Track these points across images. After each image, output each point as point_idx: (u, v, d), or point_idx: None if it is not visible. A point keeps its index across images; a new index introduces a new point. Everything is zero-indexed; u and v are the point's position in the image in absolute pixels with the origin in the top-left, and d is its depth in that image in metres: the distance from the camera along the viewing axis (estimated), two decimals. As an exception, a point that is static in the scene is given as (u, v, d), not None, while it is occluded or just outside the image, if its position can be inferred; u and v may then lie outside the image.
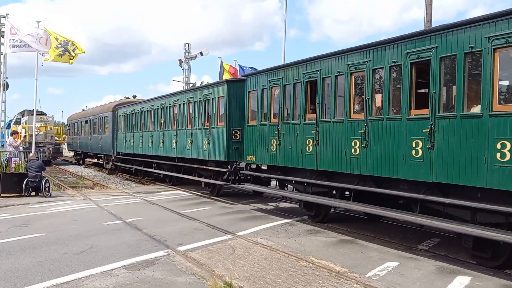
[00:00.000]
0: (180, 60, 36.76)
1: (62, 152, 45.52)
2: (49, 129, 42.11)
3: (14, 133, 21.44)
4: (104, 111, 31.82)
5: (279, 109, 12.89)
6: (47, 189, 17.58)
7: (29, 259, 8.36)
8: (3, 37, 18.72)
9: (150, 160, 23.58)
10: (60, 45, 17.96)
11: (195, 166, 18.35)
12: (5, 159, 18.58)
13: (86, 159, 41.14)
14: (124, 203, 16.13)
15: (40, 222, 12.17)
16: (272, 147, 13.12)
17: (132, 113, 26.16)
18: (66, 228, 11.24)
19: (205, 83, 23.82)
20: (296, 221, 12.30)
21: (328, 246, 9.50)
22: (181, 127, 19.31)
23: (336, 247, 9.44)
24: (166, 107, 21.16)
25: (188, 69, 36.65)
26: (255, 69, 25.30)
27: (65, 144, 54.11)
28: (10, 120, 41.89)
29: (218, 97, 16.13)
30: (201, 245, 9.45)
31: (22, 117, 44.08)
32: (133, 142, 25.19)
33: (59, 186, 23.57)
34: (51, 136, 41.84)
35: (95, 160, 38.01)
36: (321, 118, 11.31)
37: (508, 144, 7.15)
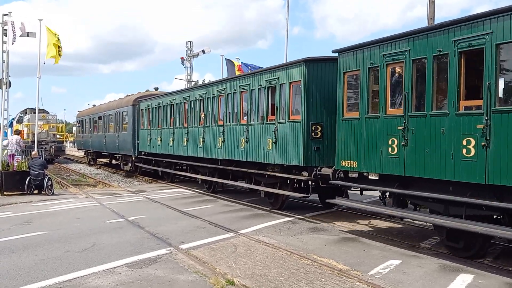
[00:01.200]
0: (182, 58, 36.73)
1: (64, 150, 45.52)
2: (51, 127, 42.17)
3: (18, 132, 21.48)
4: (122, 105, 27.92)
5: (403, 96, 9.17)
6: (49, 187, 17.63)
7: (32, 257, 8.38)
8: (5, 35, 18.69)
9: (183, 161, 20.36)
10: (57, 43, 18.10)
11: (251, 171, 14.66)
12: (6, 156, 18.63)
13: (99, 159, 37.36)
14: (127, 201, 16.15)
15: (42, 220, 12.20)
16: (391, 149, 9.43)
17: (159, 107, 22.35)
18: (69, 226, 11.26)
19: (206, 81, 23.23)
20: (298, 219, 12.28)
21: (331, 244, 9.49)
22: (230, 122, 15.63)
23: (338, 245, 9.42)
24: (208, 98, 17.43)
25: (190, 67, 36.60)
26: (261, 67, 25.23)
27: (74, 142, 54.44)
28: (13, 119, 41.95)
29: (291, 83, 12.66)
30: (203, 243, 9.45)
31: (25, 115, 44.11)
32: (161, 140, 21.74)
33: (61, 184, 23.58)
34: (54, 135, 41.88)
35: (109, 161, 33.75)
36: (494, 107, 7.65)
37: None
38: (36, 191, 17.58)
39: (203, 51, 36.36)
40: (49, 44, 18.42)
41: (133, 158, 25.72)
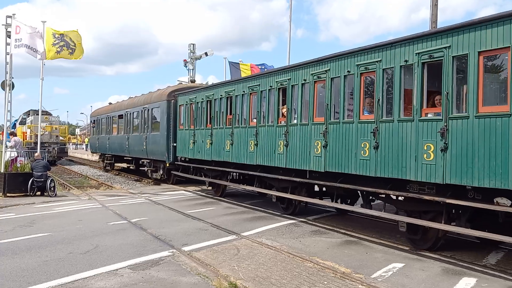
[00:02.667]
0: (185, 60, 36.74)
1: (67, 152, 45.66)
2: (54, 129, 42.31)
3: (15, 134, 21.44)
4: (151, 100, 23.27)
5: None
6: (52, 189, 17.67)
7: (35, 258, 8.39)
8: (9, 37, 18.77)
9: (242, 171, 15.39)
10: (56, 42, 17.97)
11: (377, 191, 9.90)
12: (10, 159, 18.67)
13: (117, 164, 32.59)
14: (129, 203, 16.16)
15: (45, 221, 12.22)
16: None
17: (208, 100, 17.17)
18: (71, 228, 11.27)
19: (210, 83, 22.10)
20: (301, 221, 12.27)
21: (333, 247, 9.48)
22: (346, 118, 10.41)
23: (341, 248, 9.41)
24: (295, 85, 12.13)
25: (193, 69, 36.62)
26: (272, 66, 25.44)
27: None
28: (16, 120, 42.10)
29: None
30: (206, 245, 9.45)
31: (28, 117, 44.30)
32: (211, 143, 16.61)
33: (64, 186, 23.65)
34: (56, 136, 42.04)
35: (133, 166, 28.79)
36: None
37: None
38: (38, 193, 17.63)
39: (206, 54, 36.36)
40: (48, 45, 18.35)
41: (167, 165, 20.99)
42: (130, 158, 28.16)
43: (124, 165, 31.91)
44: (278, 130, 12.84)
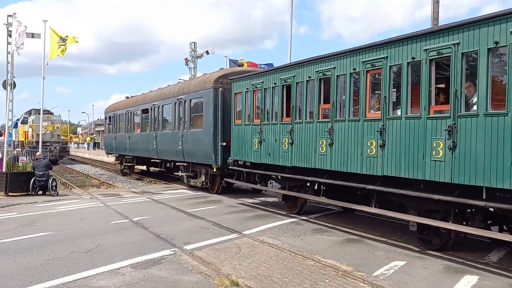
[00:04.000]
0: (186, 59, 36.76)
1: (68, 151, 45.79)
2: (56, 128, 42.40)
3: (0, 134, 21.37)
4: (191, 89, 18.65)
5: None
6: (54, 188, 17.70)
7: (37, 257, 8.41)
8: (10, 36, 18.79)
9: (347, 183, 10.57)
10: (59, 42, 18.13)
11: None
12: (13, 157, 18.69)
13: (137, 166, 28.92)
14: (131, 202, 16.18)
15: (47, 221, 12.24)
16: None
17: (285, 85, 12.74)
18: (73, 227, 11.29)
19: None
20: (302, 220, 12.28)
21: (335, 245, 9.48)
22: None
23: (342, 246, 9.41)
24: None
25: (194, 68, 36.63)
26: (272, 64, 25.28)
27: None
28: (18, 119, 42.16)
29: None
30: (207, 244, 9.46)
31: (29, 116, 44.43)
32: (290, 143, 12.28)
33: (66, 185, 23.70)
34: (58, 135, 42.14)
35: (149, 169, 27.95)
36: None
37: None
38: (40, 192, 17.66)
39: (207, 52, 36.36)
40: (52, 44, 18.46)
41: (214, 170, 16.74)
42: (158, 160, 23.46)
43: (144, 167, 28.76)
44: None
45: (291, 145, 12.28)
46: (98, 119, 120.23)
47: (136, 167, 28.73)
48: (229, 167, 15.78)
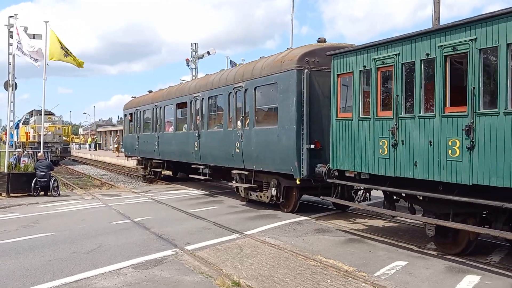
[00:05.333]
0: (187, 59, 36.81)
1: (70, 151, 45.82)
2: (57, 129, 42.45)
3: None
4: (257, 74, 14.00)
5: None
6: (55, 188, 17.72)
7: (38, 258, 8.41)
8: (11, 37, 18.80)
9: None
10: (62, 47, 18.22)
11: None
12: (14, 158, 18.71)
13: (165, 171, 24.28)
14: (132, 202, 16.19)
15: (48, 221, 12.25)
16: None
17: (450, 56, 8.23)
18: (75, 228, 11.30)
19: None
20: (303, 220, 12.27)
21: (336, 245, 9.48)
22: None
23: (344, 246, 9.40)
24: None
25: (195, 68, 36.68)
26: None
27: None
28: (19, 120, 42.24)
29: None
30: (209, 244, 9.46)
31: (31, 117, 44.52)
32: (470, 146, 7.68)
33: (67, 186, 23.74)
34: (59, 136, 42.19)
35: (168, 175, 24.42)
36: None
37: None
38: (42, 193, 17.67)
39: (208, 53, 36.42)
40: (52, 46, 18.49)
41: (298, 182, 12.37)
42: (201, 166, 17.74)
43: (169, 172, 24.65)
44: None
45: (470, 150, 7.70)
46: (99, 119, 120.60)
47: (163, 171, 23.83)
48: (328, 179, 11.26)
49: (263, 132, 13.64)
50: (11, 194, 17.21)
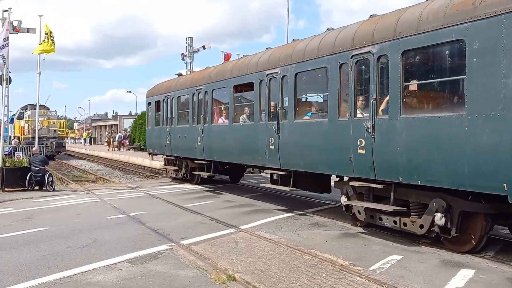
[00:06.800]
0: (182, 54, 36.72)
1: (65, 146, 45.68)
2: (52, 123, 42.28)
3: None
4: (405, 29, 8.62)
5: None
6: (50, 183, 17.65)
7: (33, 253, 8.39)
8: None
9: None
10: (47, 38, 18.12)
11: None
12: (9, 149, 18.61)
13: (202, 173, 17.69)
14: (127, 197, 16.15)
15: (43, 216, 12.21)
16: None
17: None
18: (70, 222, 11.26)
19: None
20: (299, 214, 12.28)
21: (331, 240, 9.49)
22: None
23: (339, 241, 9.42)
24: None
25: (190, 62, 36.60)
26: None
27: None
28: (13, 115, 42.05)
29: None
30: (204, 239, 9.45)
31: (25, 111, 44.30)
32: None
33: (62, 180, 23.67)
34: (54, 131, 42.04)
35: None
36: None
37: None
38: (37, 187, 17.60)
39: (204, 47, 36.33)
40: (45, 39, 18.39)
41: None
42: (281, 173, 12.53)
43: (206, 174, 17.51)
44: None
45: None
46: (94, 114, 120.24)
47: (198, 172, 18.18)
48: None
49: (426, 123, 8.32)
50: (6, 189, 17.15)
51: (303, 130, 11.51)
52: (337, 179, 11.32)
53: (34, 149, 18.81)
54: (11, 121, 36.76)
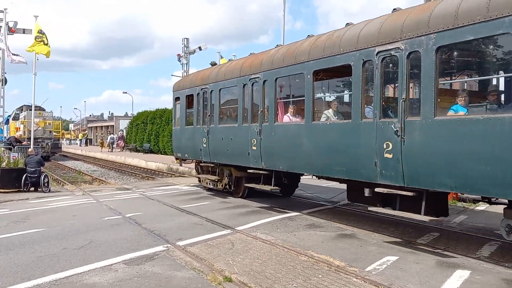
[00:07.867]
0: (178, 55, 36.72)
1: (61, 147, 45.53)
2: (47, 124, 42.14)
3: None
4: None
5: None
6: (46, 184, 17.60)
7: (29, 254, 8.36)
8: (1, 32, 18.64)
9: None
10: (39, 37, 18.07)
11: None
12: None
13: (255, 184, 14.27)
14: (123, 198, 16.12)
15: (39, 217, 12.17)
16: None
17: None
18: (66, 223, 11.23)
19: None
20: (295, 215, 12.29)
21: (328, 241, 9.51)
22: None
23: (335, 241, 9.44)
24: None
25: (187, 64, 36.59)
26: None
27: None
28: (9, 116, 41.91)
29: None
30: (200, 240, 9.44)
31: (21, 112, 44.11)
32: None
33: (58, 182, 23.60)
34: (50, 132, 41.89)
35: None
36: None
37: None
38: (32, 188, 17.55)
39: (200, 48, 36.34)
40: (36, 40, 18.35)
41: None
42: (410, 194, 8.56)
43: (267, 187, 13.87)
44: None
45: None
46: (90, 115, 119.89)
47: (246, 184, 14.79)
48: None
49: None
50: (1, 190, 17.08)
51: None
52: None
53: (29, 150, 18.75)
54: (7, 122, 36.63)
